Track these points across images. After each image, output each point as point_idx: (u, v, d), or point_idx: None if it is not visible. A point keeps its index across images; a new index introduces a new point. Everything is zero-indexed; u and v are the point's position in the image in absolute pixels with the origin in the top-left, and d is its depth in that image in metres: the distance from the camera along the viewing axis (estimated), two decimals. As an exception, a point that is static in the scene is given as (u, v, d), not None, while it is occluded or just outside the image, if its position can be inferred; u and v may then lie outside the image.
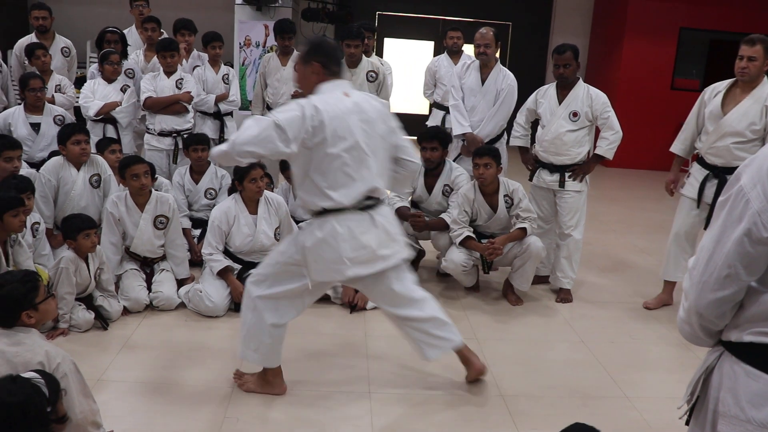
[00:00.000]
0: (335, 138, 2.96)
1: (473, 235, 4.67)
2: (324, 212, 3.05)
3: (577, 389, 3.60)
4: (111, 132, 5.71)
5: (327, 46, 3.16)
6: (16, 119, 5.24)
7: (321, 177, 3.01)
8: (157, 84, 5.68)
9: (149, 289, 4.37)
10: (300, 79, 3.20)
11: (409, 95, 11.52)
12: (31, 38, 6.34)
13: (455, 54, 6.61)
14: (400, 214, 4.88)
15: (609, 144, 4.72)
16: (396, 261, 3.23)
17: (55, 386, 2.31)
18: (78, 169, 4.66)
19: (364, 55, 5.73)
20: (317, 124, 2.92)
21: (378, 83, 5.70)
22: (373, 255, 3.11)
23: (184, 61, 6.09)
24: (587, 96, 4.68)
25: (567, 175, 4.77)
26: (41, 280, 2.71)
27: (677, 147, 4.69)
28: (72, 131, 4.65)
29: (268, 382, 3.38)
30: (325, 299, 4.53)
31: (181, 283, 4.51)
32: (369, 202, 3.10)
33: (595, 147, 4.80)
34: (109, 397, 3.24)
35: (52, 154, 4.99)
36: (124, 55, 6.19)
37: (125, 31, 6.61)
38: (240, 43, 10.50)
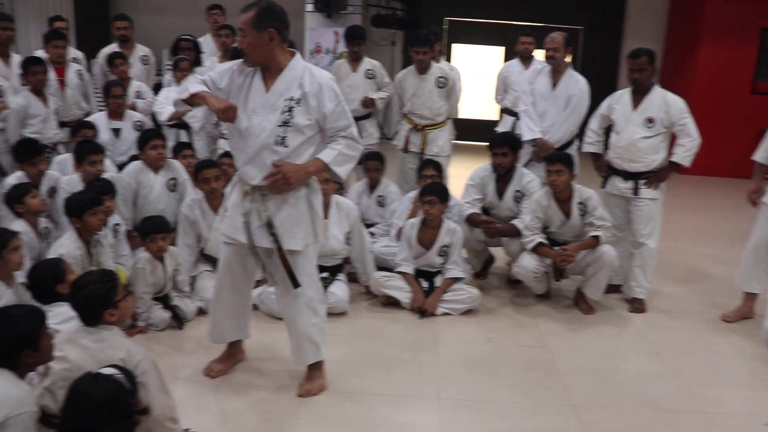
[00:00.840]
0: None
1: (546, 242, 4.61)
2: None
3: (651, 402, 3.50)
4: (184, 137, 5.88)
5: (278, 11, 3.05)
6: (99, 125, 5.46)
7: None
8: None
9: (222, 290, 4.47)
10: (252, 48, 3.04)
11: (478, 101, 11.45)
12: (113, 48, 6.60)
13: (527, 59, 6.55)
14: (471, 220, 4.86)
15: (686, 151, 4.60)
16: None
17: (133, 380, 2.39)
18: (156, 173, 4.82)
19: (432, 61, 5.74)
20: None
21: (447, 89, 5.70)
22: None
23: None
24: (663, 102, 4.57)
25: (641, 182, 4.66)
26: (119, 278, 2.81)
27: (761, 155, 4.51)
28: (150, 136, 4.82)
29: (322, 371, 3.49)
30: (394, 304, 4.56)
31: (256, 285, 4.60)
32: None
33: (670, 154, 4.68)
34: (183, 395, 3.31)
35: (132, 158, 5.18)
36: (198, 62, 6.37)
37: (201, 39, 6.81)
38: (310, 50, 10.64)
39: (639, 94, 4.62)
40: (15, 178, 4.52)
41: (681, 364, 3.96)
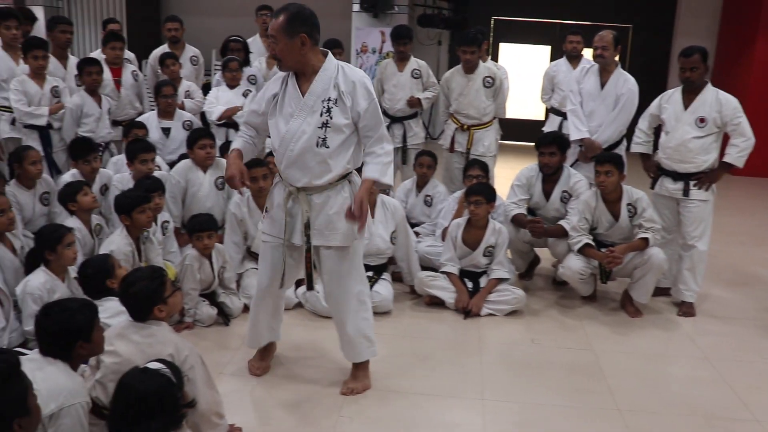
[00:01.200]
0: None
1: (593, 243, 4.55)
2: (350, 172, 3.25)
3: (700, 408, 3.43)
4: (233, 136, 5.96)
5: (308, 15, 3.06)
6: (150, 124, 5.59)
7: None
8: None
9: (268, 288, 4.53)
10: (284, 53, 3.06)
11: (525, 101, 11.36)
12: (164, 48, 6.74)
13: (574, 58, 6.47)
14: (517, 221, 4.83)
15: (739, 151, 4.49)
16: None
17: (180, 375, 2.44)
18: (205, 172, 4.90)
19: (480, 61, 5.71)
20: None
21: (495, 89, 5.68)
22: None
23: None
24: (716, 101, 4.47)
25: (692, 183, 4.57)
26: (167, 275, 2.87)
27: None
28: (198, 136, 4.90)
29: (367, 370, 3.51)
30: (439, 304, 4.55)
31: (299, 283, 4.64)
32: None
33: (722, 154, 4.57)
34: (229, 391, 3.37)
35: (182, 156, 5.29)
36: (246, 62, 6.46)
37: (249, 40, 6.91)
38: (357, 50, 10.69)
39: (690, 93, 4.53)
40: (70, 175, 4.66)
41: (732, 370, 3.86)
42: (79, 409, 2.31)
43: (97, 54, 6.27)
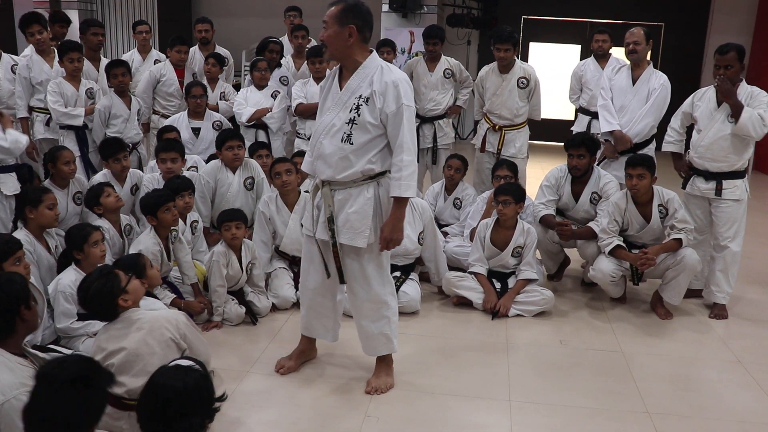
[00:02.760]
0: None
1: (623, 245, 4.50)
2: (382, 173, 3.22)
3: (733, 413, 3.36)
4: (263, 137, 6.01)
5: (364, 10, 3.10)
6: (180, 124, 5.65)
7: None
8: (307, 90, 5.91)
9: (296, 288, 4.54)
10: (331, 39, 3.10)
11: (553, 100, 11.27)
12: (194, 50, 6.81)
13: (602, 58, 6.40)
14: (546, 222, 4.79)
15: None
16: None
17: (206, 368, 2.46)
18: (234, 172, 4.94)
19: (516, 60, 5.66)
20: None
21: (529, 90, 5.63)
22: None
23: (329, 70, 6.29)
24: (749, 96, 4.38)
25: (724, 182, 4.48)
26: (116, 269, 2.91)
27: None
28: (226, 137, 4.95)
29: (390, 365, 3.52)
30: (466, 305, 4.54)
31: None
32: None
33: (756, 154, 4.48)
34: (256, 389, 3.41)
35: (212, 156, 5.34)
36: (280, 63, 6.50)
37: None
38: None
39: (725, 92, 4.45)
40: (101, 176, 4.74)
41: (765, 374, 3.78)
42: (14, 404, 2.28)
43: (128, 56, 6.40)
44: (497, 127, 5.69)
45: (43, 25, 5.75)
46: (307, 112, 5.87)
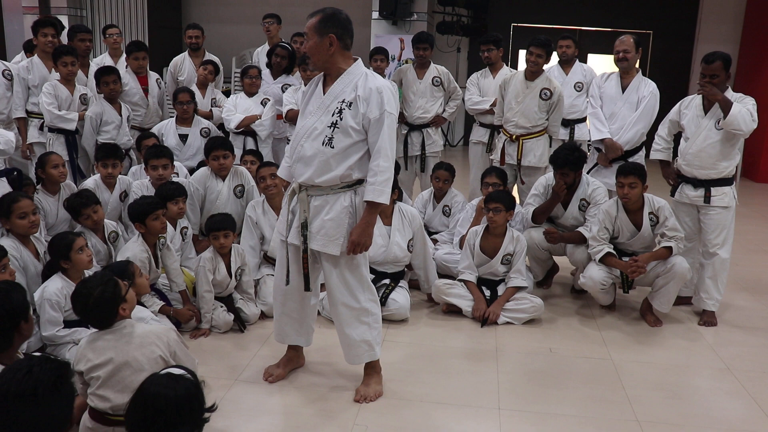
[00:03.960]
0: None
1: (614, 252, 4.51)
2: (360, 182, 3.21)
3: (723, 421, 3.36)
4: (251, 144, 5.98)
5: (342, 18, 3.14)
6: (168, 130, 5.64)
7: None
8: (298, 97, 5.90)
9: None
10: (313, 51, 3.15)
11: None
12: (184, 56, 6.80)
13: (566, 63, 6.39)
14: (537, 218, 4.83)
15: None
16: None
17: (196, 377, 2.44)
18: (223, 180, 4.92)
19: (544, 69, 5.53)
20: None
21: (551, 103, 5.44)
22: None
23: None
24: (736, 101, 4.40)
25: (713, 190, 4.50)
26: (113, 275, 2.87)
27: None
28: (213, 146, 4.93)
29: (378, 371, 3.51)
30: (456, 312, 4.53)
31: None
32: None
33: (743, 161, 4.50)
34: (245, 396, 3.39)
35: (200, 164, 5.32)
36: (290, 69, 6.48)
37: (259, 49, 6.95)
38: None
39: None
40: (92, 181, 4.73)
41: (754, 381, 3.79)
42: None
43: (98, 60, 6.37)
44: (514, 137, 5.52)
45: (57, 31, 5.79)
46: (297, 118, 5.84)
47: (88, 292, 2.72)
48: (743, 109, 4.28)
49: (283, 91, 6.23)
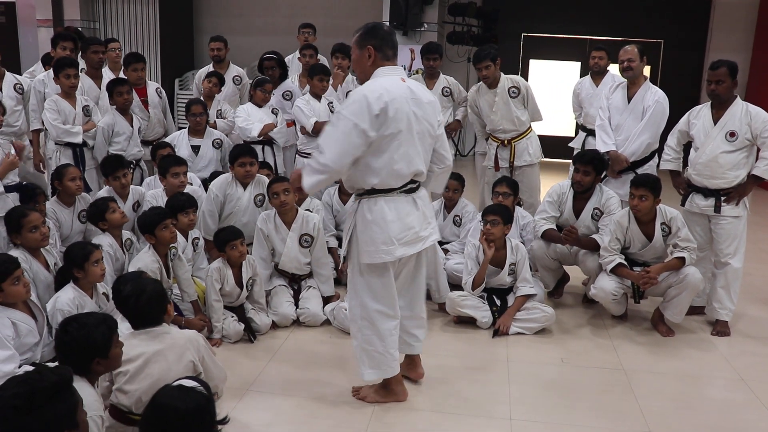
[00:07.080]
0: (393, 120, 3.06)
1: (625, 263, 4.49)
2: (372, 192, 3.19)
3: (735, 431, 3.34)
4: (269, 152, 6.00)
5: (381, 31, 3.21)
6: (180, 141, 5.67)
7: (374, 157, 3.12)
8: (312, 107, 5.88)
9: (296, 305, 4.54)
10: (355, 64, 3.29)
11: (553, 117, 11.30)
12: (208, 68, 6.88)
13: (598, 74, 6.41)
14: (548, 236, 4.82)
15: None
16: (432, 241, 3.40)
17: (209, 390, 2.45)
18: (245, 188, 4.95)
19: (501, 74, 5.66)
20: (383, 105, 3.04)
21: (522, 96, 5.64)
22: (416, 236, 3.25)
23: (339, 86, 6.27)
24: (746, 114, 4.38)
25: (723, 199, 4.48)
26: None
27: None
28: (240, 153, 4.95)
29: (390, 391, 3.46)
30: (468, 323, 4.52)
31: (326, 300, 4.65)
32: (413, 185, 3.23)
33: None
34: (257, 406, 3.39)
35: (213, 174, 5.35)
36: (282, 78, 6.51)
37: (288, 58, 6.96)
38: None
39: (719, 108, 4.47)
40: (105, 192, 4.75)
41: (768, 391, 3.77)
42: (97, 421, 2.34)
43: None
44: (506, 141, 5.70)
45: (76, 45, 5.89)
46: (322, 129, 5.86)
47: (140, 288, 2.74)
48: (765, 167, 4.36)
49: (285, 99, 6.25)
